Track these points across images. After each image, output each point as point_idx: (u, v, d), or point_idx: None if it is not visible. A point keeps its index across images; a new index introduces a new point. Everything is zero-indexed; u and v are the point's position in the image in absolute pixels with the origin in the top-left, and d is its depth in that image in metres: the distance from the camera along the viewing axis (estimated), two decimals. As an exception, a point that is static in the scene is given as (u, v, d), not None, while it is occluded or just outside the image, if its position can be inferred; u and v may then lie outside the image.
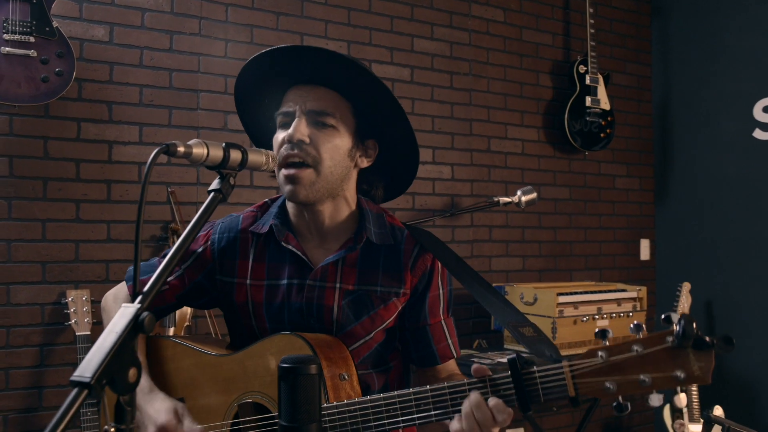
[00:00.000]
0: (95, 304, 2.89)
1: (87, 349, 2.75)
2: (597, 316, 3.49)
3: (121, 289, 1.69)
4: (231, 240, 1.62)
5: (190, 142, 1.15)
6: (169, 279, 1.61)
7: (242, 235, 1.62)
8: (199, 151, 1.15)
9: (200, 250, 1.63)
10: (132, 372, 0.96)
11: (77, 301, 2.85)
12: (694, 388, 3.83)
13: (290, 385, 1.08)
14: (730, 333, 1.14)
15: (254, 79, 1.60)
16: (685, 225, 4.56)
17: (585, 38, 4.26)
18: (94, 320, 2.85)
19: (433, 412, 1.28)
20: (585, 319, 3.44)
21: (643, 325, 1.19)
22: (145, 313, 0.97)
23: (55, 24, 2.77)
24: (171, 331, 2.99)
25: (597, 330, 1.22)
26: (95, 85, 3.03)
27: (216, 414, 1.49)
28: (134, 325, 0.96)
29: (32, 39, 2.72)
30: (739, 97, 4.24)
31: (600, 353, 1.18)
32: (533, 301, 3.46)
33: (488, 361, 3.28)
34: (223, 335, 3.10)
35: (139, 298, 1.00)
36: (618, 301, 3.62)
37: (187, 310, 3.04)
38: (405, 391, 1.31)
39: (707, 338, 1.13)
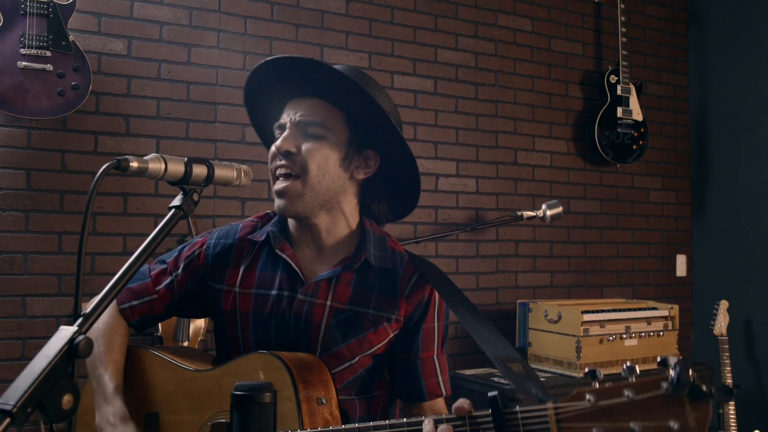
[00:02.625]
0: (109, 317, 2.89)
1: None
2: (625, 336, 3.35)
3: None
4: (226, 246, 1.59)
5: (146, 157, 1.11)
6: (157, 288, 1.58)
7: (239, 243, 1.59)
8: (155, 166, 1.11)
9: (195, 254, 1.60)
10: (67, 399, 0.91)
11: (92, 313, 2.84)
12: (731, 412, 3.65)
13: (243, 414, 1.03)
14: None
15: (259, 92, 1.61)
16: (724, 240, 4.37)
17: (617, 47, 4.13)
18: (108, 333, 2.84)
19: None
20: (612, 338, 3.30)
21: (637, 368, 1.09)
22: (81, 337, 0.92)
23: (71, 38, 2.78)
24: (185, 345, 2.97)
25: (587, 370, 1.12)
26: (113, 99, 3.05)
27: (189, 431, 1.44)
28: (68, 350, 0.91)
29: (48, 53, 2.74)
30: (780, 107, 4.06)
31: (588, 396, 1.07)
32: (557, 318, 3.34)
33: (510, 385, 3.17)
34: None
35: (79, 321, 0.96)
36: (648, 320, 3.47)
37: (201, 323, 3.02)
38: (380, 422, 1.24)
39: (704, 387, 1.02)
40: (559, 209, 3.36)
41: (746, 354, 4.14)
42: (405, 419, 1.20)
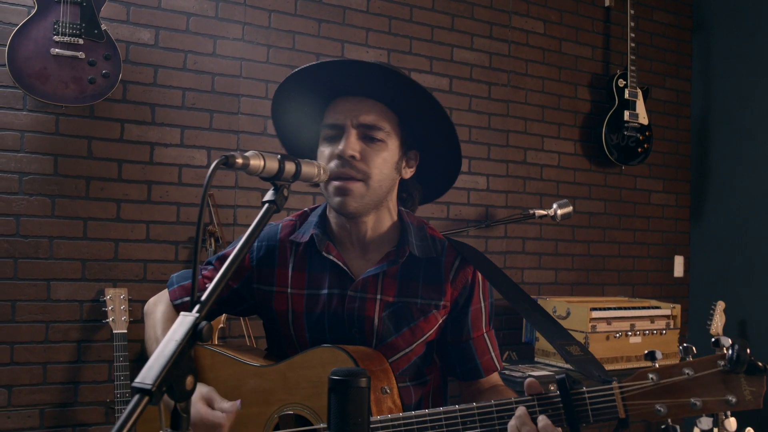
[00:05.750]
0: (132, 303, 2.93)
1: (123, 347, 2.79)
2: (630, 333, 3.46)
3: (163, 295, 1.70)
4: (270, 249, 1.63)
5: (247, 154, 1.16)
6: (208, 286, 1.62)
7: (281, 245, 1.63)
8: (256, 162, 1.17)
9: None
10: (189, 380, 0.97)
11: (115, 299, 2.89)
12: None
13: (340, 398, 1.09)
14: (764, 353, 1.14)
15: (297, 90, 1.58)
16: (721, 242, 4.50)
17: (625, 52, 4.23)
18: (131, 319, 2.89)
19: (479, 431, 1.28)
20: (618, 335, 3.41)
21: (693, 348, 1.19)
22: (203, 323, 0.98)
23: (103, 27, 2.82)
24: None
25: (646, 352, 1.22)
26: (139, 88, 3.08)
27: (256, 424, 1.49)
28: (193, 334, 0.97)
29: (81, 41, 2.77)
30: (781, 115, 4.18)
31: (651, 375, 1.18)
32: (566, 315, 3.43)
33: (519, 374, 3.27)
34: (256, 338, 3.13)
35: (197, 307, 1.01)
36: (651, 319, 3.59)
37: (222, 312, 3.07)
38: (451, 408, 1.31)
39: (760, 363, 1.13)
40: (570, 209, 3.45)
41: (740, 354, 4.27)
42: (493, 401, 1.27)
